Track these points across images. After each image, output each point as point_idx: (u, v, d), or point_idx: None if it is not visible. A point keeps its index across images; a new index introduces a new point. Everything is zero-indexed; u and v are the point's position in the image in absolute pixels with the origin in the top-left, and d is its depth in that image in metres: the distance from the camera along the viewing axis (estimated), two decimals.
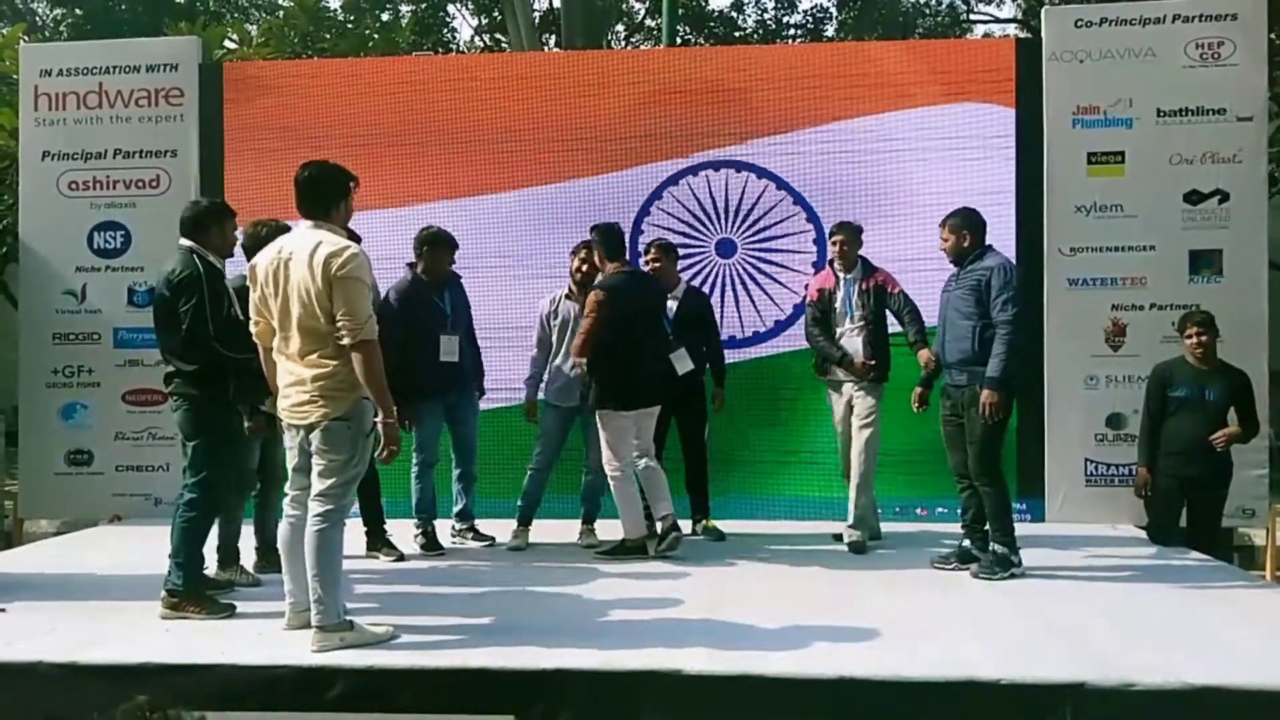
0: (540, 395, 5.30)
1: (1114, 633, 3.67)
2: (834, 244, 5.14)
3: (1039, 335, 5.77)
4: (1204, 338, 5.05)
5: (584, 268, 5.18)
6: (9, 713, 3.18)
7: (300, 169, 3.57)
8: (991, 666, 3.19)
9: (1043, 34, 6.00)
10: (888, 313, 5.12)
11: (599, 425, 4.87)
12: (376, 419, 3.46)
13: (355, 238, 3.83)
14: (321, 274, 3.36)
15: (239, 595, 4.14)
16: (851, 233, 5.13)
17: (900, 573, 4.61)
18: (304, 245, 3.45)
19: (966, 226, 4.62)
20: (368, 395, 3.44)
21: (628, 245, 5.38)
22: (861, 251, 5.16)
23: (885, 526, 5.34)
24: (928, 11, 17.01)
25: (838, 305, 5.11)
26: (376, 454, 3.50)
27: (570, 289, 5.26)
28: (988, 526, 4.58)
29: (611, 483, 4.87)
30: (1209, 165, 5.72)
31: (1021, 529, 4.67)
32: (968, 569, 4.57)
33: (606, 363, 4.77)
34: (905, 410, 4.96)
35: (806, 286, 5.48)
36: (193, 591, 3.88)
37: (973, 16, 17.40)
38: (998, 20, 17.68)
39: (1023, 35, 14.41)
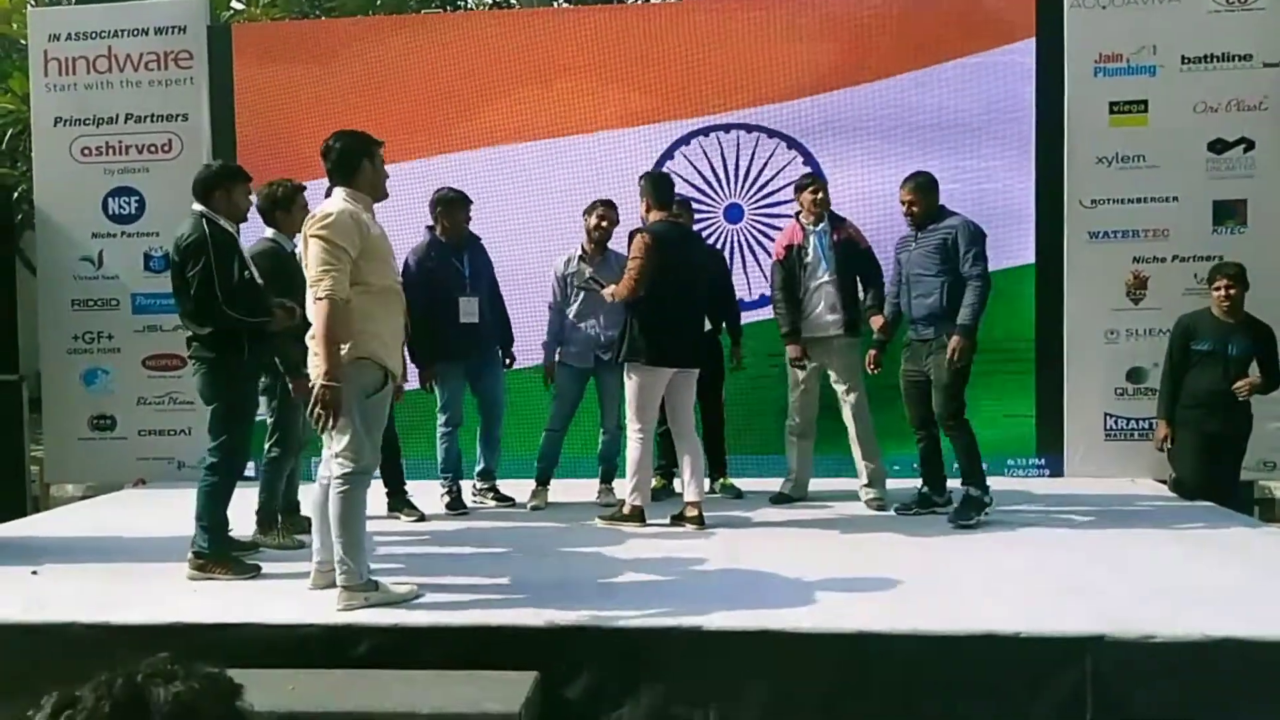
0: (556, 357, 5.30)
1: (1133, 585, 3.67)
2: (811, 193, 5.06)
3: (1059, 288, 5.72)
4: (1233, 290, 4.99)
5: (602, 224, 5.14)
6: (44, 672, 3.25)
7: (324, 142, 3.55)
8: (1010, 620, 3.20)
9: None
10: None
11: (625, 379, 4.76)
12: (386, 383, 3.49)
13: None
14: (302, 237, 3.46)
15: (265, 556, 4.20)
16: (823, 182, 5.18)
17: (917, 529, 4.62)
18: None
19: (931, 188, 4.76)
20: (366, 355, 3.40)
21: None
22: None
23: (898, 484, 5.33)
24: None
25: (809, 259, 5.06)
26: (307, 415, 3.42)
27: (584, 249, 5.23)
28: (954, 472, 4.67)
29: (629, 443, 4.71)
30: (1234, 113, 5.60)
31: (1041, 484, 4.69)
32: (928, 513, 4.80)
33: (637, 315, 4.63)
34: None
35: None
36: (218, 553, 3.93)
37: None
38: None
39: None
